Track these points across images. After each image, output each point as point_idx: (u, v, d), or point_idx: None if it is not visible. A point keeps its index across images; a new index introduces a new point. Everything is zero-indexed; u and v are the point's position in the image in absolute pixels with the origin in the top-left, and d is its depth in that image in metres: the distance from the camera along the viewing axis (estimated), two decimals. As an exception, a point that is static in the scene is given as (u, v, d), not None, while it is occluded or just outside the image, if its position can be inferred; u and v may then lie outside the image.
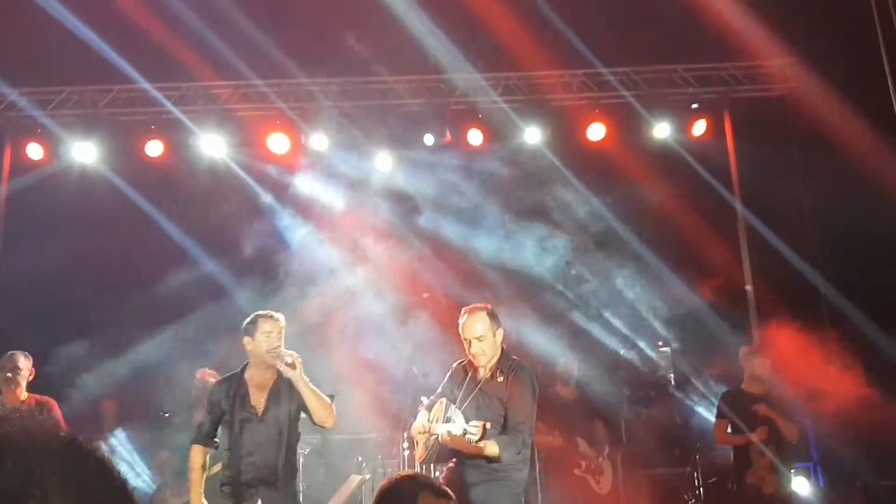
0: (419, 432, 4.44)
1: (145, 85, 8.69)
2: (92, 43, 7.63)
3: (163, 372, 7.86)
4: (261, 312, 4.65)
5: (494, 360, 4.35)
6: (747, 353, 6.66)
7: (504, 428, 4.24)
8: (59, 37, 7.55)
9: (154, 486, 7.21)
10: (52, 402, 6.09)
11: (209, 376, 6.51)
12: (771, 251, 8.38)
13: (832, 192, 7.48)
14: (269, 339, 4.52)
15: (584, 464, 7.02)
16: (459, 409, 4.30)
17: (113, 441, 7.49)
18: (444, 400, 4.47)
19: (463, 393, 4.40)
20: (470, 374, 4.45)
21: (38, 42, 8.03)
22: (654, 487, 7.49)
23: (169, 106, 8.83)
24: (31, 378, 5.99)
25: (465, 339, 4.36)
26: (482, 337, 4.28)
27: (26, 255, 8.37)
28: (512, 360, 4.42)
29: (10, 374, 5.82)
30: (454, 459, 4.39)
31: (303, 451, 7.40)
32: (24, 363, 5.92)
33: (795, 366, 6.67)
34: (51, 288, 8.37)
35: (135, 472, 7.49)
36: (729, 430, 6.49)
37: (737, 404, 6.41)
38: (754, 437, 6.15)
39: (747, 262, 8.83)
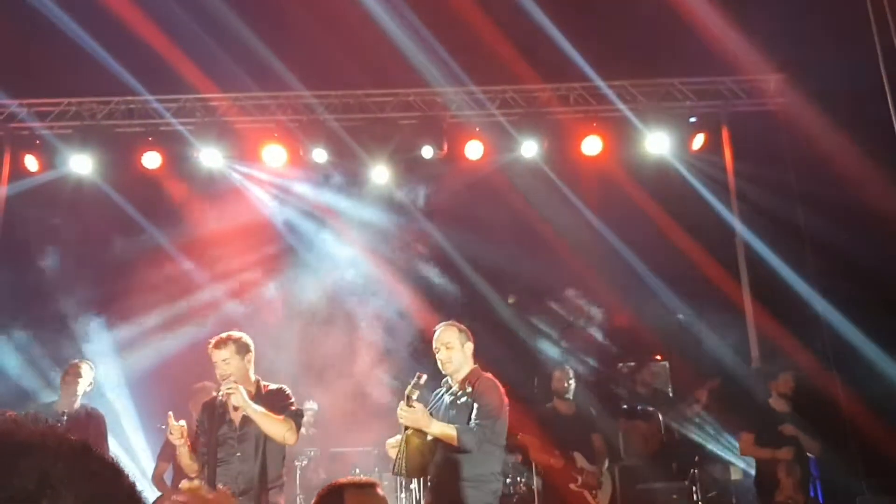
0: (392, 446, 4.63)
1: (145, 96, 8.70)
2: (92, 54, 7.64)
3: (151, 384, 7.84)
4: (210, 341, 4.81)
5: (464, 374, 4.71)
6: (773, 372, 6.80)
7: None
8: (59, 48, 7.57)
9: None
10: (102, 416, 6.21)
11: (207, 389, 6.46)
12: (768, 267, 8.36)
13: (830, 208, 7.48)
14: (218, 369, 4.74)
15: (580, 478, 6.97)
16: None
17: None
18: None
19: (436, 404, 4.77)
20: (444, 389, 4.83)
21: (38, 53, 8.04)
22: (651, 502, 7.44)
23: (168, 117, 8.83)
24: (90, 389, 6.15)
25: (435, 349, 4.77)
26: (450, 345, 4.69)
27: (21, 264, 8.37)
28: (482, 374, 4.74)
29: (69, 379, 6.01)
30: (427, 473, 4.60)
31: (300, 462, 7.39)
32: (88, 373, 6.11)
33: None
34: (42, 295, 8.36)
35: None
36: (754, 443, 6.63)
37: (764, 420, 6.58)
38: (780, 455, 6.25)
39: (745, 278, 8.79)
